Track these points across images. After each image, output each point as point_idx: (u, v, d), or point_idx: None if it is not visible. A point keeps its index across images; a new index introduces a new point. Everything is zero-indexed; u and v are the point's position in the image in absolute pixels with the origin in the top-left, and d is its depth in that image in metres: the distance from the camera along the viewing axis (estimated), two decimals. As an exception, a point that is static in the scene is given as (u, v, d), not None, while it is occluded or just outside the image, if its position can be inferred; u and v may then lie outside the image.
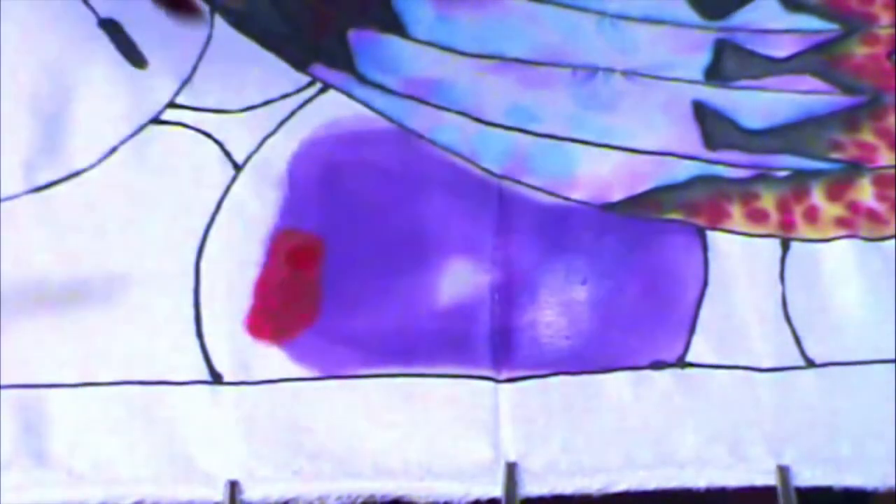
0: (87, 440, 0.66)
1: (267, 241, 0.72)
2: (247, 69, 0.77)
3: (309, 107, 0.76)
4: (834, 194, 0.74)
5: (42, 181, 0.72)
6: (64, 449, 0.66)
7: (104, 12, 0.77)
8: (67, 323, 0.69)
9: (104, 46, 0.76)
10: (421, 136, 0.75)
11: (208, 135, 0.74)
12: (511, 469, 0.66)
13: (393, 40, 0.78)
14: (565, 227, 0.73)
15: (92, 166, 0.73)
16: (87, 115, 0.74)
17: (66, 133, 0.74)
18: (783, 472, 0.66)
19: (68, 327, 0.69)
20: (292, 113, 0.75)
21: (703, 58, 0.78)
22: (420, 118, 0.76)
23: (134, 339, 0.69)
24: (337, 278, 0.71)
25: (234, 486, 0.65)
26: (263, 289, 0.70)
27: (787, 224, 0.73)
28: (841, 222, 0.73)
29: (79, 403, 0.67)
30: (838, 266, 0.71)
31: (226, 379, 0.68)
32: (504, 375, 0.69)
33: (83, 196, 0.72)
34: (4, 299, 0.69)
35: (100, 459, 0.66)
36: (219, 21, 0.78)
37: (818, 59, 0.78)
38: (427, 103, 0.76)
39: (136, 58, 0.76)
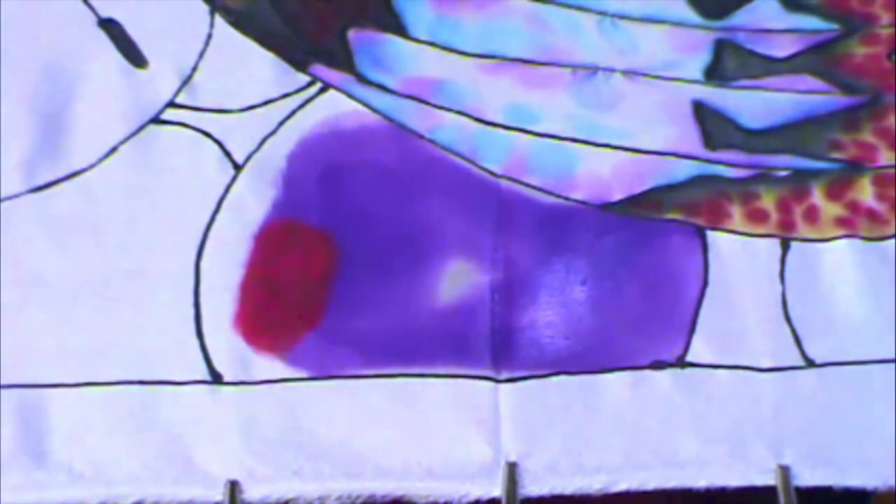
0: (87, 440, 0.66)
1: (267, 241, 0.72)
2: (247, 69, 0.77)
3: (309, 107, 0.76)
4: (834, 194, 0.74)
5: (42, 181, 0.72)
6: (64, 449, 0.66)
7: (104, 12, 0.77)
8: (67, 323, 0.69)
9: (104, 46, 0.76)
10: (421, 136, 0.75)
11: (208, 134, 0.74)
12: (511, 469, 0.66)
13: (393, 40, 0.78)
14: (565, 227, 0.72)
15: (92, 166, 0.73)
16: (87, 114, 0.74)
17: (65, 133, 0.74)
18: (784, 471, 0.66)
19: (68, 327, 0.69)
20: (292, 113, 0.75)
21: (703, 57, 0.78)
22: (420, 118, 0.76)
23: (134, 339, 0.69)
24: (345, 279, 0.71)
25: (234, 486, 0.65)
26: (263, 288, 0.70)
27: (786, 224, 0.73)
28: (841, 222, 0.73)
29: (79, 403, 0.67)
30: (838, 266, 0.71)
31: (226, 379, 0.68)
32: (504, 375, 0.69)
33: (83, 196, 0.72)
34: (4, 299, 0.69)
35: (100, 459, 0.66)
36: (219, 21, 0.78)
37: (818, 58, 0.78)
38: (427, 103, 0.76)
39: (136, 58, 0.76)
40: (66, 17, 0.77)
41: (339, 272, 0.71)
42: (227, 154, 0.74)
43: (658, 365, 0.69)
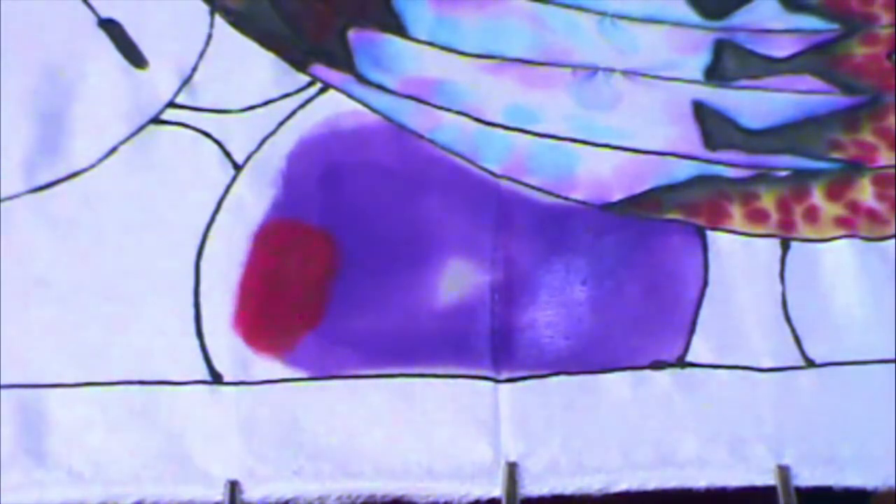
0: (87, 440, 0.66)
1: (267, 241, 0.72)
2: (247, 69, 0.77)
3: (309, 107, 0.76)
4: (834, 194, 0.74)
5: (42, 181, 0.72)
6: (64, 449, 0.66)
7: (104, 12, 0.77)
8: (67, 323, 0.69)
9: (104, 46, 0.76)
10: (421, 136, 0.75)
11: (208, 135, 0.74)
12: (511, 469, 0.66)
13: (393, 40, 0.78)
14: (565, 227, 0.72)
15: (92, 166, 0.73)
16: (87, 115, 0.74)
17: (66, 133, 0.74)
18: (783, 472, 0.66)
19: (68, 327, 0.69)
20: (292, 113, 0.75)
21: (704, 58, 0.78)
22: (420, 118, 0.76)
23: (134, 339, 0.69)
24: (345, 279, 0.71)
25: (234, 486, 0.65)
26: (262, 289, 0.70)
27: (786, 224, 0.73)
28: (841, 222, 0.73)
29: (79, 403, 0.67)
30: (838, 266, 0.71)
31: (226, 379, 0.68)
32: (504, 375, 0.69)
33: (83, 196, 0.72)
34: (4, 299, 0.69)
35: (100, 459, 0.66)
36: (219, 21, 0.78)
37: (818, 58, 0.78)
38: (427, 103, 0.76)
39: (136, 58, 0.76)
40: (66, 17, 0.77)
41: (338, 272, 0.71)
42: (227, 154, 0.74)
43: (658, 365, 0.69)
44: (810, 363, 0.69)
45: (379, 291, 0.71)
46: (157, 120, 0.75)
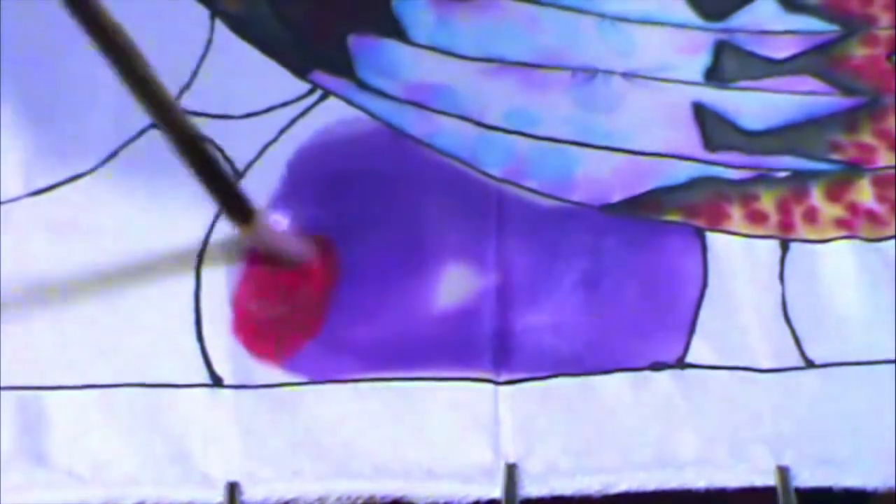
0: (88, 442, 0.66)
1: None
2: (247, 76, 0.77)
3: (309, 114, 0.76)
4: (833, 195, 0.73)
5: (42, 184, 0.73)
6: (64, 450, 0.66)
7: (104, 15, 0.77)
8: (68, 325, 0.69)
9: (104, 49, 0.77)
10: (420, 142, 0.75)
11: (209, 140, 0.74)
12: (511, 470, 0.66)
13: (393, 45, 0.78)
14: (564, 230, 0.72)
15: (92, 169, 0.73)
16: (87, 118, 0.75)
17: (65, 136, 0.74)
18: (783, 472, 0.66)
19: (69, 329, 0.69)
20: (293, 120, 0.75)
21: (703, 59, 0.78)
22: (420, 123, 0.76)
23: (135, 342, 0.69)
24: (345, 286, 0.71)
25: (233, 488, 0.65)
26: (262, 297, 0.70)
27: (786, 225, 0.73)
28: (840, 223, 0.73)
29: (79, 405, 0.67)
30: (838, 267, 0.71)
31: (226, 382, 0.68)
32: (504, 377, 0.69)
33: (83, 199, 0.72)
34: (5, 301, 0.69)
35: (100, 461, 0.66)
36: (219, 26, 0.78)
37: (818, 60, 0.78)
38: (427, 108, 0.76)
39: (136, 62, 0.76)
40: (67, 18, 0.77)
41: (339, 279, 0.71)
42: (229, 161, 0.74)
43: (658, 366, 0.69)
44: (810, 364, 0.69)
45: (379, 297, 0.71)
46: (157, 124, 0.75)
